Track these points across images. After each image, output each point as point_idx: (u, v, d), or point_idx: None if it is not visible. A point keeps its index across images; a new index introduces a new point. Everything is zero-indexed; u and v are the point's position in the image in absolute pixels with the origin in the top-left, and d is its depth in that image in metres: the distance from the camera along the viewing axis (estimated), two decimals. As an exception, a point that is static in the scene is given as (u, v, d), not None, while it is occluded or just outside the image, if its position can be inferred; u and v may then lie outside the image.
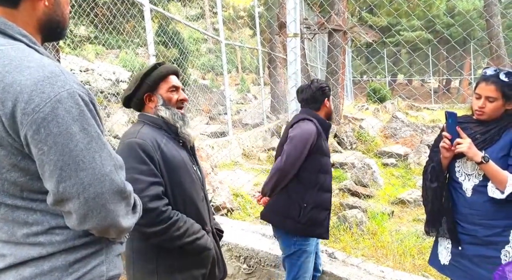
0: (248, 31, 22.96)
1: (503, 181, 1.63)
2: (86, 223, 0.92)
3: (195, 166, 1.74)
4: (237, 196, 4.88)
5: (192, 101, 8.39)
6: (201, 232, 1.63)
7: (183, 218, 1.58)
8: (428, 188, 1.91)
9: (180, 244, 1.56)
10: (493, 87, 1.70)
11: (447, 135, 1.79)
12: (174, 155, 1.61)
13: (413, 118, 11.84)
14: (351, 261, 2.74)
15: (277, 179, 2.16)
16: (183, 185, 1.62)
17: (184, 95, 1.74)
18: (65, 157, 0.88)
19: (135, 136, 1.59)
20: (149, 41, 4.34)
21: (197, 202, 1.68)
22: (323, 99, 2.29)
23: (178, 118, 1.68)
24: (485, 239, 1.72)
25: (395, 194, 5.73)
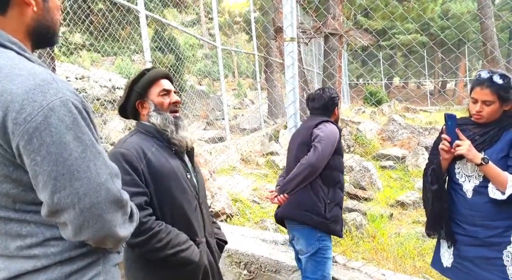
0: (244, 36, 23.04)
1: (504, 182, 1.63)
2: (82, 234, 0.90)
3: (189, 174, 1.69)
4: (236, 201, 4.86)
5: (189, 107, 8.38)
6: (187, 243, 1.57)
7: (166, 229, 1.53)
8: (429, 190, 1.90)
9: (162, 256, 1.52)
10: (488, 91, 1.69)
11: (447, 137, 1.79)
12: (162, 164, 1.58)
13: (410, 121, 11.87)
14: (352, 264, 2.72)
15: (307, 174, 2.20)
16: (171, 195, 1.58)
17: (176, 97, 1.70)
18: (59, 167, 0.86)
19: (120, 146, 1.58)
20: (145, 48, 4.34)
21: (188, 212, 1.63)
22: (334, 108, 2.45)
23: (170, 122, 1.64)
24: (486, 240, 1.72)
25: (394, 196, 5.72)
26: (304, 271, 2.36)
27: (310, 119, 2.44)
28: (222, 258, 2.85)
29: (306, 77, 9.79)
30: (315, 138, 2.25)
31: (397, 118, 10.48)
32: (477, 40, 20.06)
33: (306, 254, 2.31)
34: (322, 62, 12.07)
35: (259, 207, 4.98)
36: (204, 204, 1.77)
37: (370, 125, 10.00)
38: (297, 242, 2.37)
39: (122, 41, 6.72)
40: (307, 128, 2.36)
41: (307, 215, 2.24)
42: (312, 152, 2.21)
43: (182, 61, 9.07)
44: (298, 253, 2.43)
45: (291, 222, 2.37)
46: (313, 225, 2.25)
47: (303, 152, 2.28)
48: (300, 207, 2.27)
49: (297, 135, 2.49)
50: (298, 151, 2.35)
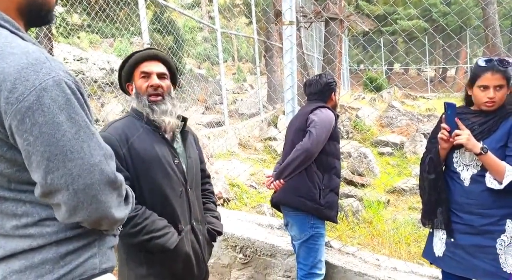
0: (244, 20, 22.71)
1: (501, 172, 1.64)
2: (76, 215, 0.90)
3: (176, 159, 1.65)
4: (234, 186, 4.88)
5: (188, 91, 8.33)
6: (163, 230, 1.54)
7: (143, 215, 1.52)
8: (426, 179, 1.91)
9: (136, 241, 1.52)
10: (499, 75, 1.70)
11: (446, 126, 1.78)
12: (146, 148, 1.57)
13: (409, 107, 11.84)
14: (347, 249, 2.75)
15: (302, 160, 2.22)
16: (153, 180, 1.57)
17: (156, 81, 1.63)
18: (52, 147, 0.85)
19: (104, 130, 1.59)
20: (143, 29, 4.28)
21: (171, 198, 1.61)
22: (330, 94, 2.44)
23: (145, 106, 1.61)
24: (481, 228, 1.73)
25: (391, 182, 5.75)
26: (296, 256, 2.40)
27: (307, 105, 2.44)
28: (218, 241, 2.87)
29: (305, 62, 9.70)
30: (310, 123, 2.26)
31: (396, 105, 10.46)
32: (478, 26, 19.84)
33: (299, 240, 2.34)
34: (322, 47, 11.94)
35: (256, 192, 5.01)
36: (194, 190, 1.74)
37: (369, 112, 9.98)
38: (291, 228, 2.39)
39: (120, 23, 6.61)
40: (304, 113, 2.36)
41: (301, 201, 2.26)
42: (307, 137, 2.22)
43: (181, 44, 8.95)
44: (292, 240, 2.46)
45: (286, 208, 2.39)
46: (306, 211, 2.27)
47: (299, 138, 2.28)
48: (295, 193, 2.28)
49: (294, 120, 2.49)
50: (295, 136, 2.35)
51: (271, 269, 2.73)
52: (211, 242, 1.84)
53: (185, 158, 1.72)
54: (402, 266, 2.54)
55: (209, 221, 1.84)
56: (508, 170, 1.63)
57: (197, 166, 1.80)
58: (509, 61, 1.70)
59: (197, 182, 1.80)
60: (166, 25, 8.01)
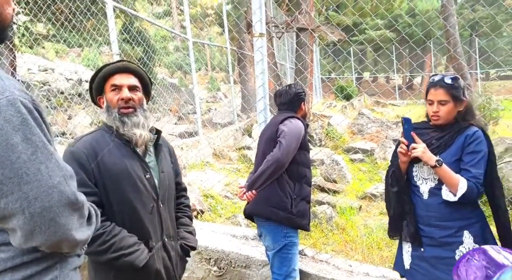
0: (217, 29, 22.79)
1: (455, 185, 1.71)
2: (33, 240, 0.87)
3: (148, 174, 1.61)
4: (208, 197, 4.84)
5: (159, 101, 8.22)
6: (133, 248, 1.51)
7: (112, 232, 1.49)
8: (390, 192, 1.96)
9: (105, 259, 1.48)
10: (442, 91, 1.79)
11: (404, 140, 1.85)
12: (115, 163, 1.54)
13: (379, 114, 12.20)
14: (321, 257, 2.78)
15: (273, 170, 2.24)
16: (123, 196, 1.53)
17: (126, 93, 1.60)
18: (6, 170, 0.82)
19: (73, 145, 1.56)
20: (112, 40, 4.22)
21: (141, 214, 1.57)
22: (300, 103, 2.48)
23: (115, 119, 1.58)
24: (441, 240, 1.79)
25: (362, 189, 5.88)
26: (271, 266, 2.40)
27: (277, 115, 2.47)
28: (191, 255, 2.83)
29: (278, 72, 9.82)
30: (280, 133, 2.29)
31: (366, 112, 10.74)
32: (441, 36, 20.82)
33: (273, 250, 2.34)
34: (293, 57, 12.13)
35: (231, 202, 4.99)
36: (166, 205, 1.70)
37: (341, 119, 10.20)
38: (265, 238, 2.40)
39: (87, 33, 6.47)
40: (274, 124, 2.39)
41: (273, 211, 2.27)
42: (277, 148, 2.25)
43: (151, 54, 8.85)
44: (266, 250, 2.46)
45: (259, 218, 2.40)
46: (279, 221, 2.28)
47: (270, 148, 2.31)
48: (267, 203, 2.29)
49: (265, 131, 2.51)
50: (265, 147, 2.38)
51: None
52: (185, 257, 1.80)
53: (157, 172, 1.68)
54: (374, 271, 2.59)
55: (182, 237, 1.80)
56: (461, 183, 1.69)
57: (170, 180, 1.76)
58: (451, 78, 1.79)
59: (170, 197, 1.75)
60: (135, 35, 7.91)
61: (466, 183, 1.69)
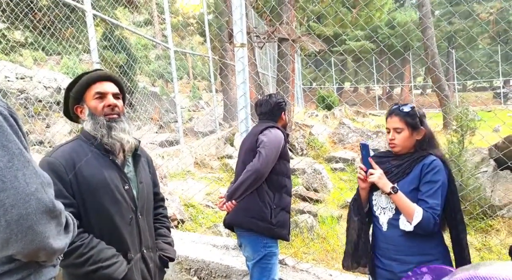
0: (198, 38, 22.83)
1: (411, 213, 1.67)
2: (9, 248, 0.85)
3: (127, 185, 1.60)
4: (189, 206, 4.78)
5: (139, 110, 8.13)
6: (111, 260, 1.49)
7: (90, 244, 1.47)
8: (351, 220, 1.92)
9: (83, 271, 1.46)
10: (396, 118, 1.80)
11: (362, 166, 1.85)
12: (94, 174, 1.52)
13: (359, 124, 12.40)
14: (301, 266, 2.79)
15: (253, 181, 2.25)
16: (101, 207, 1.51)
17: (112, 100, 1.61)
18: None
19: (50, 155, 1.53)
20: (92, 48, 4.17)
21: (120, 226, 1.55)
22: (280, 113, 2.50)
23: (102, 126, 1.57)
24: (400, 275, 1.72)
25: (343, 198, 5.94)
26: (250, 277, 2.39)
27: (258, 125, 2.49)
28: (172, 264, 2.79)
29: (259, 82, 9.90)
30: (260, 144, 2.30)
31: (347, 122, 10.90)
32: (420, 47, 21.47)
33: (252, 260, 2.34)
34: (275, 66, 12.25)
35: (212, 211, 4.94)
36: (145, 216, 1.68)
37: (322, 129, 10.32)
38: (245, 249, 2.40)
39: (66, 41, 6.38)
40: (254, 134, 2.41)
41: (253, 221, 2.27)
42: (256, 158, 2.26)
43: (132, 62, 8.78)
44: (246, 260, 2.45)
45: (239, 229, 2.39)
46: (259, 231, 2.28)
47: (250, 158, 2.32)
48: (246, 214, 2.29)
49: (245, 141, 2.52)
50: (245, 157, 2.39)
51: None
52: (163, 268, 1.78)
53: (136, 183, 1.66)
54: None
55: (161, 248, 1.78)
56: (417, 211, 1.65)
57: (149, 191, 1.74)
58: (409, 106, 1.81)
59: (149, 208, 1.74)
60: (116, 43, 7.83)
61: (422, 212, 1.65)
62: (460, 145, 5.20)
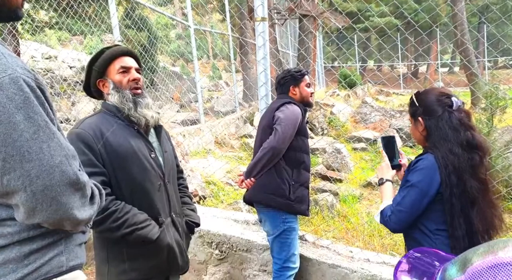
0: (218, 16, 22.57)
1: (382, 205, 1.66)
2: (35, 216, 0.88)
3: (153, 153, 1.66)
4: (210, 183, 4.86)
5: (161, 89, 8.20)
6: (145, 223, 1.56)
7: (123, 209, 1.53)
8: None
9: (119, 234, 1.52)
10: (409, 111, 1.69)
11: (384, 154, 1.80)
12: (121, 143, 1.57)
13: (383, 103, 12.13)
14: (321, 243, 2.79)
15: (270, 158, 2.24)
16: (131, 174, 1.57)
17: (136, 74, 1.66)
18: (8, 148, 0.83)
19: (77, 127, 1.58)
20: (114, 24, 4.19)
21: (150, 192, 1.62)
22: (288, 87, 2.43)
23: (127, 100, 1.61)
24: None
25: (365, 177, 5.88)
26: (271, 251, 2.43)
27: (274, 102, 2.46)
28: (194, 238, 2.86)
29: (280, 57, 9.75)
30: (276, 120, 2.27)
31: (370, 101, 10.68)
32: (448, 23, 20.52)
33: (272, 235, 2.36)
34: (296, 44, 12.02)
35: (232, 189, 5.01)
36: (171, 183, 1.75)
37: (344, 108, 10.15)
38: (264, 224, 2.42)
39: (89, 19, 6.43)
40: (270, 111, 2.37)
41: (271, 197, 2.28)
42: (273, 135, 2.24)
43: (153, 41, 8.79)
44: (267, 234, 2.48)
45: (258, 205, 2.41)
46: (277, 207, 2.29)
47: (267, 136, 2.30)
48: (265, 190, 2.30)
49: (262, 118, 2.49)
50: (263, 134, 2.37)
51: (247, 264, 2.74)
52: (190, 234, 1.86)
53: (161, 152, 1.73)
54: (374, 258, 2.59)
55: (186, 214, 1.86)
56: (383, 204, 1.63)
57: (173, 160, 1.82)
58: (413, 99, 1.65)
59: (174, 175, 1.82)
60: (137, 21, 7.85)
61: (386, 206, 1.61)
62: (489, 124, 5.02)
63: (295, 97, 2.43)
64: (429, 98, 1.59)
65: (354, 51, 23.79)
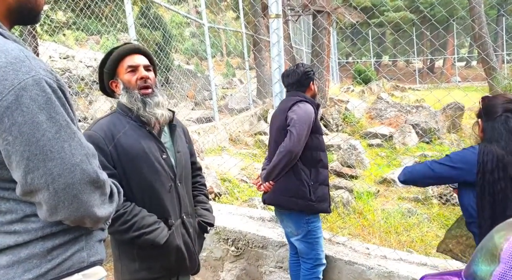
0: (232, 14, 22.58)
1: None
2: (57, 214, 0.91)
3: (165, 155, 1.65)
4: (225, 180, 4.89)
5: (176, 87, 8.27)
6: (153, 226, 1.56)
7: (132, 212, 1.54)
8: None
9: (127, 237, 1.54)
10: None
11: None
12: (132, 145, 1.57)
13: (398, 99, 11.94)
14: (337, 239, 2.79)
15: (287, 161, 2.21)
16: (141, 176, 1.57)
17: (144, 73, 1.63)
18: (32, 147, 0.86)
19: (90, 128, 1.59)
20: (129, 24, 4.24)
21: (161, 193, 1.62)
22: (309, 83, 2.39)
23: (136, 100, 1.60)
24: None
25: (380, 173, 5.82)
26: (299, 253, 2.41)
27: (285, 100, 2.41)
28: (210, 235, 2.89)
29: (293, 54, 9.70)
30: (290, 122, 2.23)
31: (385, 97, 10.53)
32: (464, 17, 20.04)
33: (296, 236, 2.35)
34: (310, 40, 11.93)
35: (247, 186, 5.03)
36: (183, 184, 1.74)
37: (358, 104, 10.05)
38: (287, 224, 2.40)
39: (106, 19, 6.53)
40: (283, 111, 2.33)
41: (292, 200, 2.26)
42: (288, 138, 2.20)
43: (168, 40, 8.86)
44: (288, 236, 2.47)
45: (279, 208, 2.41)
46: (299, 209, 2.27)
47: (281, 137, 2.26)
48: (285, 194, 2.28)
49: (274, 118, 2.45)
50: (277, 135, 2.34)
51: (263, 260, 2.76)
52: (203, 234, 1.85)
53: (173, 152, 1.71)
54: (391, 254, 2.58)
55: (200, 214, 1.84)
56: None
57: (186, 159, 1.79)
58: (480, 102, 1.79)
59: (187, 176, 1.79)
60: (152, 20, 7.92)
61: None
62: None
63: (311, 93, 2.40)
64: (492, 101, 1.71)
65: (368, 47, 23.48)
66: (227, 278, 2.91)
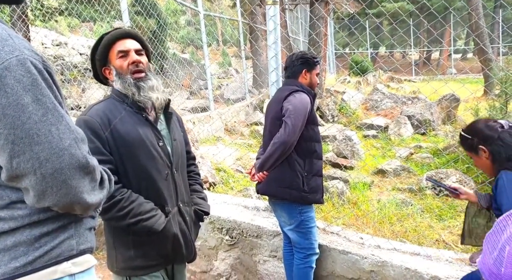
0: (228, 2, 22.30)
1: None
2: (45, 200, 0.88)
3: (161, 142, 1.63)
4: (220, 170, 4.87)
5: (171, 76, 8.18)
6: (150, 213, 1.55)
7: (129, 198, 1.52)
8: None
9: (124, 224, 1.52)
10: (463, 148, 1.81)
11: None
12: (129, 131, 1.55)
13: (394, 90, 11.93)
14: (331, 229, 2.79)
15: (281, 152, 2.19)
16: (138, 163, 1.56)
17: (135, 57, 1.60)
18: (17, 130, 0.82)
19: (85, 113, 1.56)
20: (123, 9, 4.16)
21: (157, 181, 1.60)
22: (301, 70, 2.33)
23: (130, 85, 1.57)
24: None
25: (375, 164, 5.83)
26: (292, 242, 2.41)
27: (281, 89, 2.37)
28: (204, 224, 2.88)
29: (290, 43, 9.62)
30: (285, 112, 2.20)
31: (381, 88, 10.51)
32: (462, 8, 19.96)
33: (289, 225, 2.34)
34: (307, 29, 11.84)
35: (242, 176, 5.02)
36: (180, 172, 1.73)
37: (354, 95, 10.02)
38: (280, 214, 2.39)
39: (99, 5, 6.41)
40: (278, 101, 2.29)
41: (286, 191, 2.25)
42: (283, 128, 2.17)
43: (163, 28, 8.73)
44: (281, 225, 2.46)
45: (272, 198, 2.40)
46: (292, 200, 2.26)
47: (276, 128, 2.24)
48: (279, 184, 2.27)
49: (269, 108, 2.40)
50: (272, 126, 2.31)
51: (257, 249, 2.76)
52: (198, 222, 1.85)
53: (169, 140, 1.70)
54: (385, 244, 2.59)
55: (196, 202, 1.84)
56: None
57: (182, 148, 1.78)
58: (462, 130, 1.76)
59: (183, 164, 1.78)
60: (147, 7, 7.79)
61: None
62: (504, 110, 4.91)
63: (305, 82, 2.34)
64: (479, 127, 1.67)
65: (365, 37, 23.36)
66: (221, 267, 2.91)
